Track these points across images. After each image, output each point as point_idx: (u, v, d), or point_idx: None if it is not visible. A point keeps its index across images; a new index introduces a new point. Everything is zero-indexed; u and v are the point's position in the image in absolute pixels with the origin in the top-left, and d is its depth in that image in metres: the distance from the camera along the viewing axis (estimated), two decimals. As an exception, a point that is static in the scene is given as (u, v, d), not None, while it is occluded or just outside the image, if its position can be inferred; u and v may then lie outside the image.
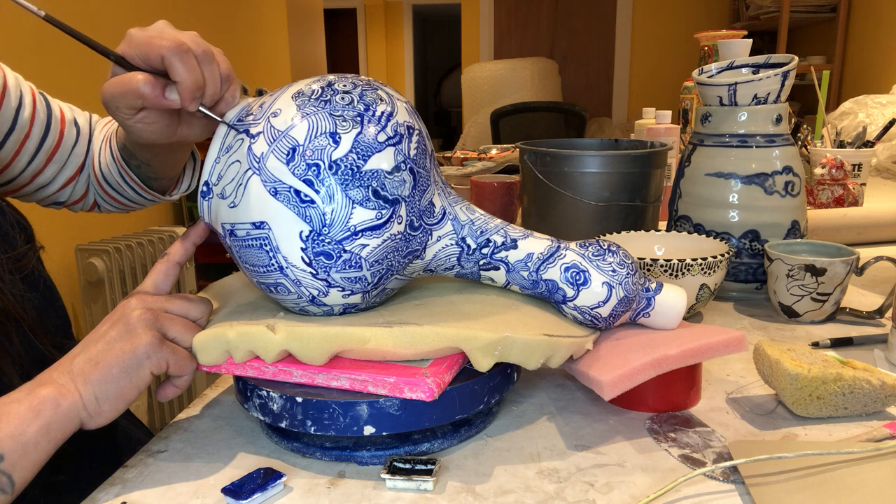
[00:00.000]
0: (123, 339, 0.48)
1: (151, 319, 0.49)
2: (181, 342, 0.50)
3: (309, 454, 0.50)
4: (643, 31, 4.70)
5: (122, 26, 2.39)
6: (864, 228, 1.06)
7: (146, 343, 0.48)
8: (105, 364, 0.47)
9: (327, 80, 0.50)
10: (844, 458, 0.46)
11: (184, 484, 0.47)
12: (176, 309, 0.52)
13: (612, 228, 0.88)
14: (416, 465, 0.47)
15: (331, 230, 0.46)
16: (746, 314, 0.78)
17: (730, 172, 0.79)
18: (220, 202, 0.49)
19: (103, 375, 0.47)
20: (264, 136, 0.47)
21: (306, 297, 0.50)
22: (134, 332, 0.48)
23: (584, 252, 0.54)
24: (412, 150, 0.49)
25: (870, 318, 0.75)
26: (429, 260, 0.53)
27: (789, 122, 1.02)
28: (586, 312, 0.54)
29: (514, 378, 0.55)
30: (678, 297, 0.56)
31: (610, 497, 0.45)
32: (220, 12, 2.95)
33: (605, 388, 0.50)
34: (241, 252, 0.49)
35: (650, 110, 1.37)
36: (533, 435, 0.53)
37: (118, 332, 0.49)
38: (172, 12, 2.55)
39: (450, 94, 7.59)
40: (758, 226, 0.79)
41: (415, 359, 0.49)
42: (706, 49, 1.42)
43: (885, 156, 1.73)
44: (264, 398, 0.49)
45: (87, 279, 1.76)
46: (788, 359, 0.55)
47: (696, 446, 0.50)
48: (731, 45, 0.92)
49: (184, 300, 0.53)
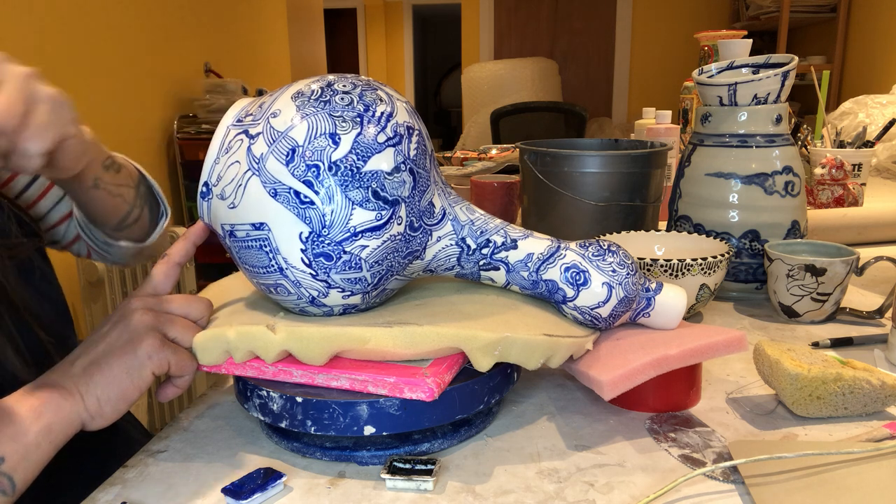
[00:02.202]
0: (124, 340, 0.48)
1: (152, 320, 0.49)
2: (182, 342, 0.50)
3: (309, 454, 0.50)
4: (643, 31, 4.70)
5: (122, 26, 2.39)
6: (864, 228, 1.06)
7: (148, 344, 0.48)
8: (106, 365, 0.47)
9: (327, 80, 0.50)
10: (844, 458, 0.46)
11: (184, 484, 0.47)
12: (176, 309, 0.51)
13: (612, 228, 0.88)
14: (416, 465, 0.47)
15: (330, 231, 0.46)
16: (746, 314, 0.78)
17: (730, 172, 0.79)
18: (219, 203, 0.49)
19: (105, 376, 0.47)
20: (264, 136, 0.47)
21: (306, 297, 0.50)
22: (135, 333, 0.48)
23: (584, 252, 0.54)
24: (412, 151, 0.49)
25: (870, 318, 0.75)
26: (429, 260, 0.53)
27: (789, 122, 1.02)
28: (586, 312, 0.54)
29: (514, 378, 0.55)
30: (678, 297, 0.56)
31: (610, 497, 0.45)
32: (220, 12, 2.95)
33: (605, 388, 0.50)
34: (241, 253, 0.49)
35: (650, 110, 1.37)
36: (533, 435, 0.53)
37: (119, 333, 0.49)
38: (173, 12, 2.55)
39: (450, 94, 7.59)
40: (758, 226, 0.79)
41: (415, 359, 0.49)
42: (706, 49, 1.42)
43: (885, 156, 1.73)
44: (264, 398, 0.49)
45: (87, 279, 1.76)
46: (788, 359, 0.55)
47: (696, 446, 0.50)
48: (731, 45, 0.92)
49: (184, 300, 0.52)
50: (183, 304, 0.52)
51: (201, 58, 2.77)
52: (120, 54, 2.22)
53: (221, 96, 2.52)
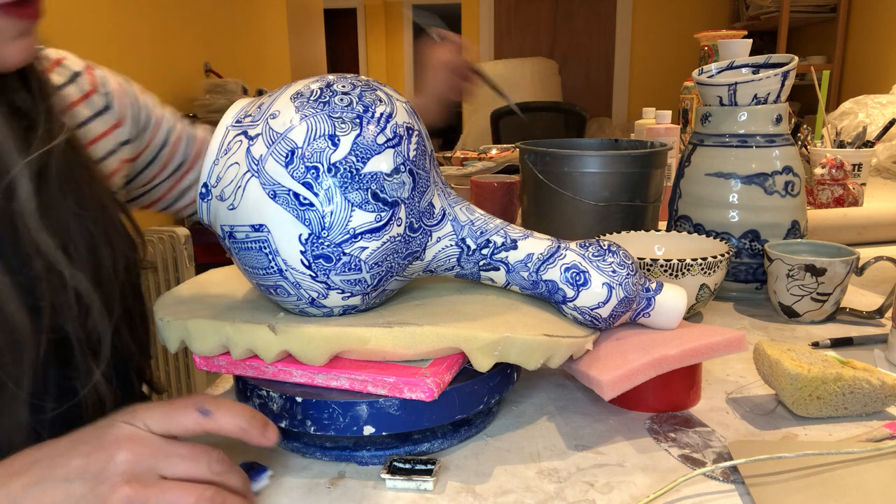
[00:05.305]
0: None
1: (135, 495, 0.36)
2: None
3: (309, 454, 0.50)
4: (643, 31, 4.70)
5: (122, 25, 2.39)
6: (864, 228, 1.06)
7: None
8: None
9: (326, 80, 0.50)
10: (844, 458, 0.46)
11: (184, 485, 0.47)
12: (180, 470, 0.38)
13: (612, 228, 0.88)
14: (416, 465, 0.47)
15: (330, 233, 0.46)
16: (746, 314, 0.78)
17: (730, 172, 0.79)
18: (218, 204, 0.49)
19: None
20: (263, 138, 0.47)
21: (306, 299, 0.50)
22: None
23: (584, 252, 0.54)
24: (411, 152, 0.49)
25: (870, 318, 0.75)
26: (428, 261, 0.54)
27: (789, 122, 1.02)
28: (586, 313, 0.54)
29: (514, 378, 0.55)
30: (678, 297, 0.56)
31: (610, 497, 0.45)
32: (220, 12, 2.95)
33: (605, 388, 0.50)
34: (241, 254, 0.49)
35: (650, 110, 1.37)
36: (533, 435, 0.53)
37: (82, 493, 0.36)
38: (173, 12, 2.55)
39: (450, 95, 7.57)
40: (758, 226, 0.79)
41: (414, 359, 0.49)
42: (706, 49, 1.42)
43: (885, 156, 1.73)
44: (264, 398, 0.49)
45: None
46: (788, 359, 0.55)
47: (696, 446, 0.50)
48: (731, 45, 0.92)
49: (202, 453, 0.39)
50: (194, 460, 0.38)
51: (201, 58, 2.77)
52: (120, 54, 2.22)
53: (221, 96, 2.52)
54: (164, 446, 0.38)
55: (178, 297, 0.56)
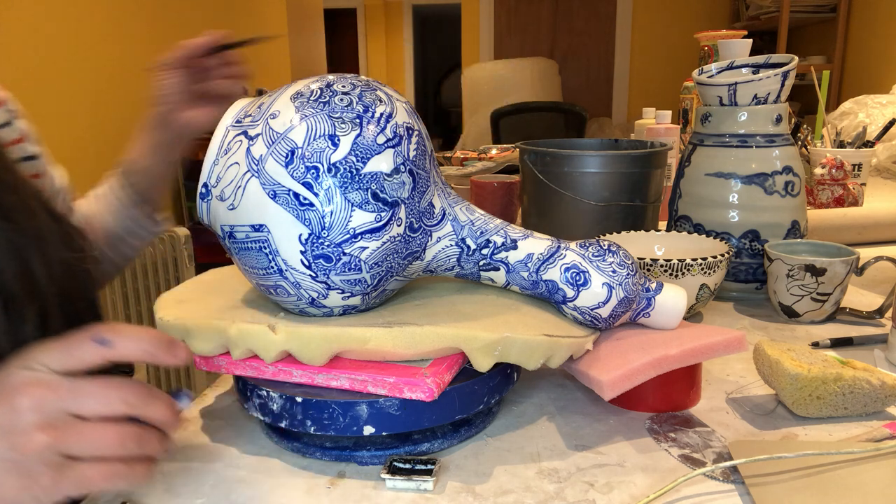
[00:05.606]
0: (12, 478, 0.34)
1: (52, 442, 0.34)
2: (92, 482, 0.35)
3: (309, 454, 0.50)
4: (643, 31, 4.70)
5: (122, 25, 2.39)
6: (864, 228, 1.06)
7: (42, 485, 0.34)
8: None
9: (326, 80, 0.50)
10: (844, 458, 0.46)
11: (184, 484, 0.47)
12: (95, 407, 0.36)
13: (612, 228, 0.88)
14: (416, 465, 0.47)
15: (330, 233, 0.46)
16: (746, 314, 0.78)
17: (730, 172, 0.79)
18: (218, 204, 0.49)
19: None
20: (263, 138, 0.47)
21: (306, 299, 0.50)
22: (22, 470, 0.34)
23: (584, 252, 0.54)
24: (411, 152, 0.49)
25: (870, 318, 0.75)
26: (428, 261, 0.54)
27: (789, 122, 1.02)
28: (586, 313, 0.54)
29: (514, 378, 0.55)
30: (678, 297, 0.56)
31: (610, 497, 0.45)
32: (220, 12, 2.95)
33: (605, 388, 0.50)
34: (241, 254, 0.49)
35: (650, 110, 1.37)
36: (533, 435, 0.53)
37: (3, 463, 0.34)
38: (173, 12, 2.55)
39: (450, 95, 7.58)
40: (758, 226, 0.79)
41: (414, 359, 0.49)
42: (706, 49, 1.42)
43: (885, 156, 1.73)
44: (264, 398, 0.49)
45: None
46: (788, 359, 0.55)
47: (696, 446, 0.50)
48: (731, 45, 0.92)
49: (108, 387, 0.36)
50: (104, 396, 0.36)
51: (201, 58, 2.76)
52: (120, 54, 2.22)
53: (221, 96, 2.52)
54: (69, 385, 0.35)
55: (178, 297, 0.56)
